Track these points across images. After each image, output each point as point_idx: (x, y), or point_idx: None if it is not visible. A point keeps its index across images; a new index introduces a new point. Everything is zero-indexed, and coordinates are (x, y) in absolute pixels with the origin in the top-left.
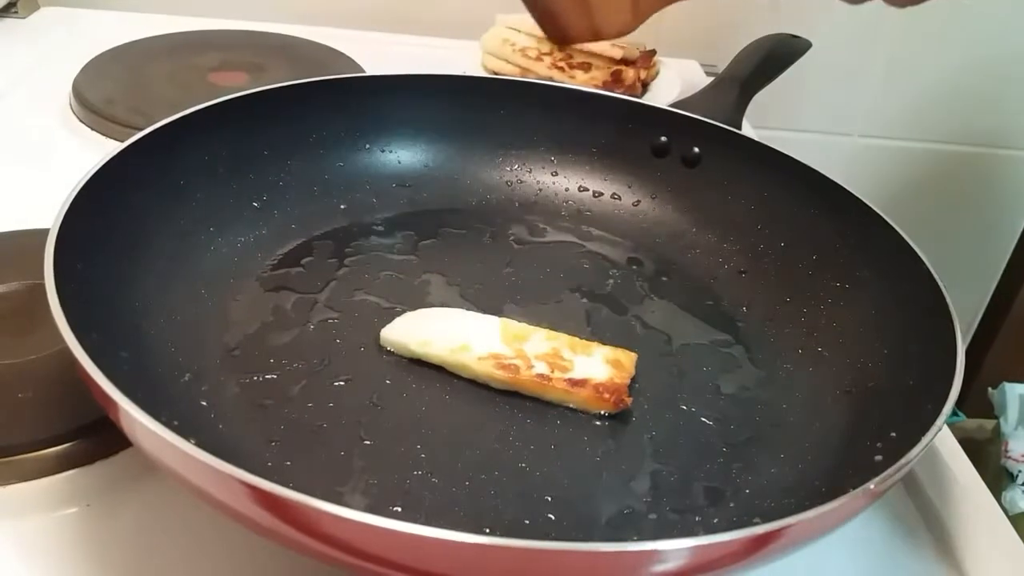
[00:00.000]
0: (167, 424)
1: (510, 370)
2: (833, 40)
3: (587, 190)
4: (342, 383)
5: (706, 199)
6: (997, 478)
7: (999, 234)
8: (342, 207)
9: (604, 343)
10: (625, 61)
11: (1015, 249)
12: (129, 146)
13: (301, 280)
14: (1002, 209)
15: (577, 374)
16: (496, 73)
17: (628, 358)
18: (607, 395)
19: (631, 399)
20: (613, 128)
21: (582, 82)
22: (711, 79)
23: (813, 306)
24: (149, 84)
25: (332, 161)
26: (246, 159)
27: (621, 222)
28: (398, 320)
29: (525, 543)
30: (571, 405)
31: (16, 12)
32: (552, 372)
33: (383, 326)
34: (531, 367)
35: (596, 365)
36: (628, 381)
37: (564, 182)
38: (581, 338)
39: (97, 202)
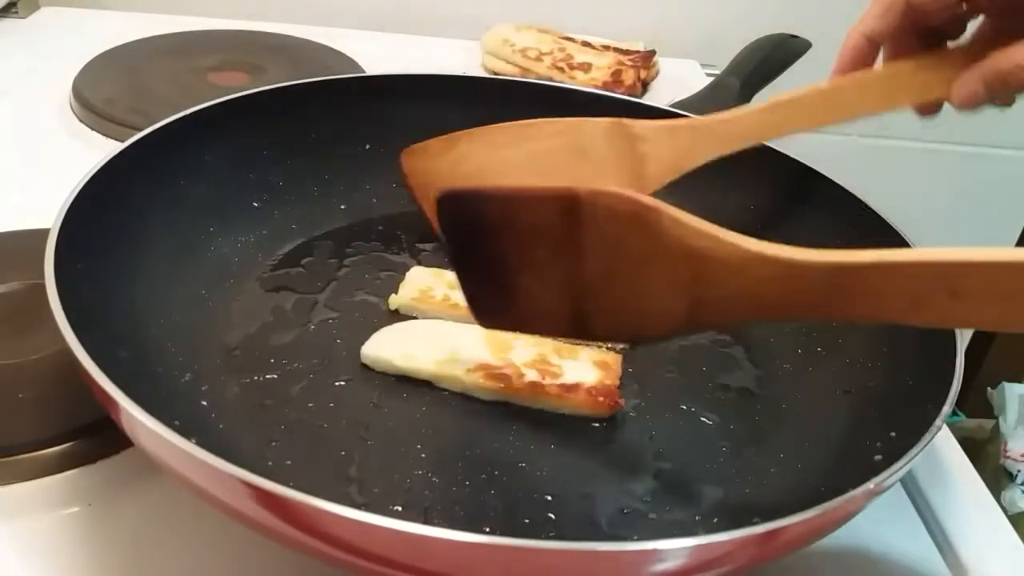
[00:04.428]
0: (168, 424)
1: (502, 379)
2: (833, 40)
3: None
4: (343, 383)
5: (706, 199)
6: (996, 478)
7: (999, 234)
8: (342, 207)
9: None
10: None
11: None
12: (129, 146)
13: (301, 280)
14: (1002, 209)
15: (568, 379)
16: (496, 73)
17: (614, 359)
18: (601, 398)
19: (624, 400)
20: None
21: (582, 83)
22: (711, 79)
23: None
24: (149, 84)
25: (332, 161)
26: (246, 159)
27: None
28: (376, 335)
29: (525, 542)
30: (565, 412)
31: (16, 12)
32: (544, 379)
33: (383, 326)
34: (522, 376)
35: (584, 368)
36: (618, 382)
37: None
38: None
39: (97, 202)
